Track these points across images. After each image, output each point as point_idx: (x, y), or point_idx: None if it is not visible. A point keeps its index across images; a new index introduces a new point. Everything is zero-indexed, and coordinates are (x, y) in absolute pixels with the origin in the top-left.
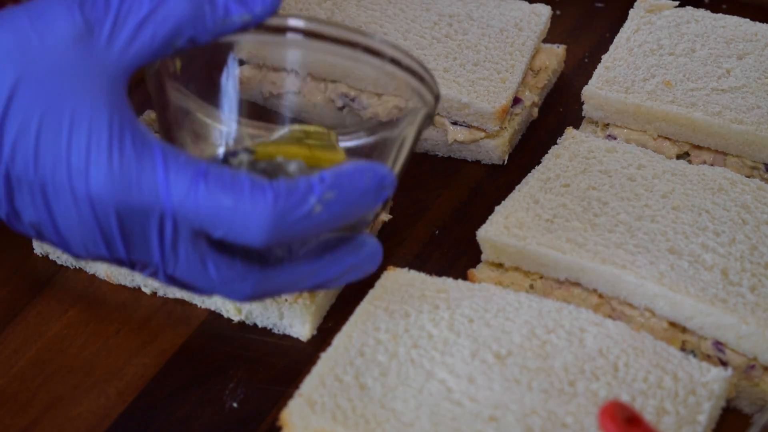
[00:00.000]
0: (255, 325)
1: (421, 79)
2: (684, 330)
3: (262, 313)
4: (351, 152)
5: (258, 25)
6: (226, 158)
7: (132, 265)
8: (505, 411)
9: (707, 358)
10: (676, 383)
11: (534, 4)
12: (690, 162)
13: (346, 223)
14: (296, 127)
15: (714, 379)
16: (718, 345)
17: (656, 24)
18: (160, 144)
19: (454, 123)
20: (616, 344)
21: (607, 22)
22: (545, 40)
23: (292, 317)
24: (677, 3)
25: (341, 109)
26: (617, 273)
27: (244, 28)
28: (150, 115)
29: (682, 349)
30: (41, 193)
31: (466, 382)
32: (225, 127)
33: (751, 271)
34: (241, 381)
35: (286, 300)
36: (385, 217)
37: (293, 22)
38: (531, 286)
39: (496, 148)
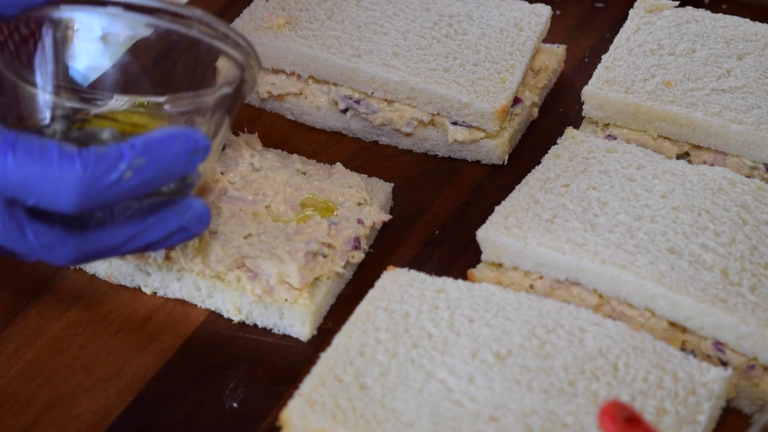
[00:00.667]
0: (255, 325)
1: (230, 41)
2: (684, 330)
3: (262, 313)
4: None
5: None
6: (41, 129)
7: None
8: (505, 411)
9: (707, 358)
10: (676, 383)
11: (534, 4)
12: (690, 162)
13: (160, 187)
14: (124, 98)
15: (714, 379)
16: (718, 345)
17: (656, 24)
18: None
19: (454, 123)
20: (616, 344)
21: (607, 22)
22: (545, 40)
23: (292, 317)
24: (677, 3)
25: (344, 111)
26: (617, 273)
27: (51, 2)
28: None
29: (682, 349)
30: None
31: (466, 382)
32: (41, 96)
33: (751, 271)
34: (241, 381)
35: (286, 300)
36: (385, 217)
37: None
38: (531, 286)
39: (496, 148)
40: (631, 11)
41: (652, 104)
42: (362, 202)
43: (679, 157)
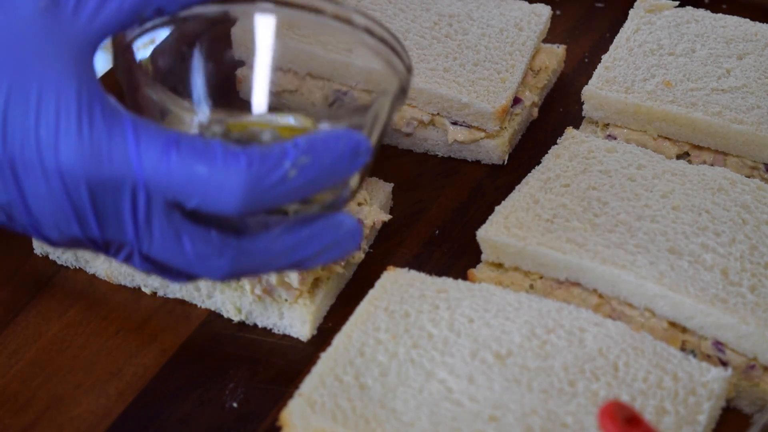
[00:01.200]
0: (255, 325)
1: (393, 49)
2: (684, 330)
3: (262, 313)
4: None
5: None
6: (200, 132)
7: (107, 247)
8: (505, 411)
9: (707, 358)
10: (676, 383)
11: (534, 4)
12: (690, 162)
13: (323, 188)
14: (272, 116)
15: (714, 379)
16: (718, 345)
17: (656, 24)
18: (130, 115)
19: (454, 123)
20: (616, 344)
21: (607, 22)
22: (545, 40)
23: (292, 317)
24: (677, 3)
25: (332, 104)
26: (617, 273)
27: None
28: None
29: (682, 349)
30: (11, 170)
31: (466, 382)
32: (197, 116)
33: (751, 271)
34: (241, 381)
35: (286, 300)
36: (385, 217)
37: None
38: (531, 286)
39: (496, 148)
40: (631, 11)
41: (652, 104)
42: (362, 202)
43: (679, 157)
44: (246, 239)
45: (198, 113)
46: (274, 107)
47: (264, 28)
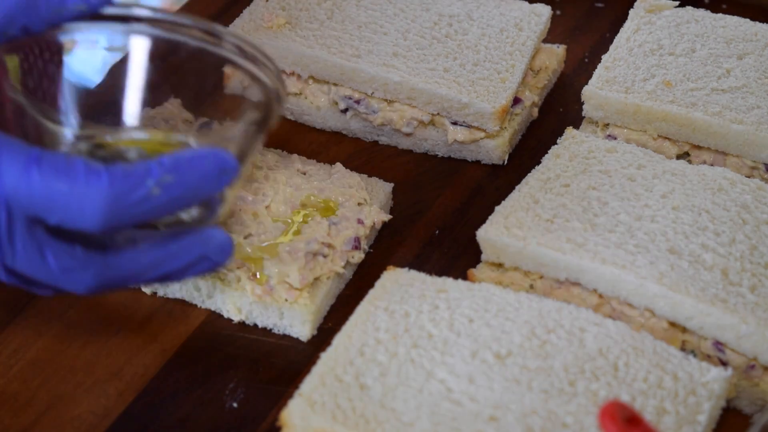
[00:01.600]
0: (255, 325)
1: (262, 65)
2: (684, 330)
3: (262, 313)
4: None
5: (99, 15)
6: (69, 148)
7: None
8: (505, 411)
9: (707, 358)
10: (676, 383)
11: (534, 4)
12: (690, 162)
13: (187, 207)
14: (143, 134)
15: (714, 379)
16: (718, 345)
17: (656, 24)
18: None
19: (454, 123)
20: (616, 344)
21: (607, 22)
22: (545, 40)
23: (292, 317)
24: (677, 3)
25: (344, 111)
26: (617, 273)
27: (78, 17)
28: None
29: (682, 349)
30: None
31: (466, 382)
32: (64, 128)
33: (751, 271)
34: (241, 381)
35: (286, 300)
36: (385, 217)
37: (137, 12)
38: (531, 286)
39: (496, 148)
40: (631, 11)
41: (652, 104)
42: (362, 202)
43: (679, 157)
44: (111, 253)
45: (67, 129)
46: (147, 124)
47: (132, 48)
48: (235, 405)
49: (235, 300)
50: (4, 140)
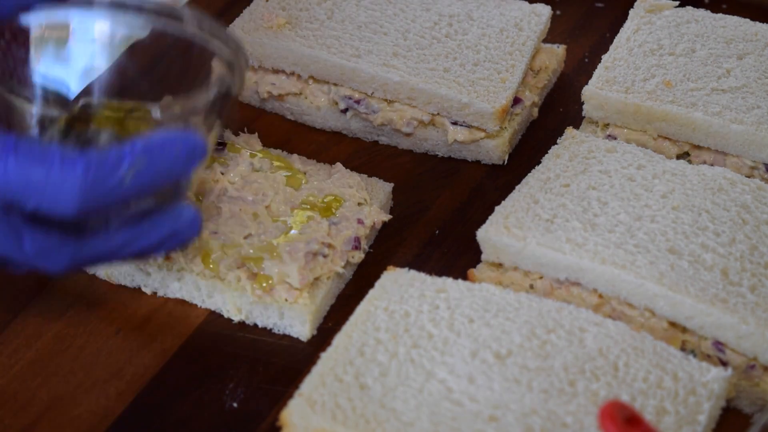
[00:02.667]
0: (255, 325)
1: (218, 37)
2: (684, 330)
3: (262, 313)
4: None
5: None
6: (39, 132)
7: None
8: (505, 411)
9: (707, 358)
10: (676, 383)
11: (534, 4)
12: (690, 162)
13: (158, 189)
14: (114, 103)
15: (714, 379)
16: (718, 345)
17: (656, 24)
18: None
19: (454, 123)
20: (616, 344)
21: (607, 22)
22: (545, 40)
23: (292, 317)
24: (677, 3)
25: (344, 111)
26: (617, 273)
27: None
28: None
29: (682, 349)
30: None
31: (466, 382)
32: (31, 106)
33: (751, 271)
34: (241, 381)
35: (286, 300)
36: (385, 217)
37: None
38: (531, 286)
39: (496, 148)
40: (631, 11)
41: (652, 104)
42: (362, 202)
43: (679, 157)
44: (85, 234)
45: (36, 107)
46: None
47: (100, 31)
48: (235, 405)
49: (235, 300)
50: None
